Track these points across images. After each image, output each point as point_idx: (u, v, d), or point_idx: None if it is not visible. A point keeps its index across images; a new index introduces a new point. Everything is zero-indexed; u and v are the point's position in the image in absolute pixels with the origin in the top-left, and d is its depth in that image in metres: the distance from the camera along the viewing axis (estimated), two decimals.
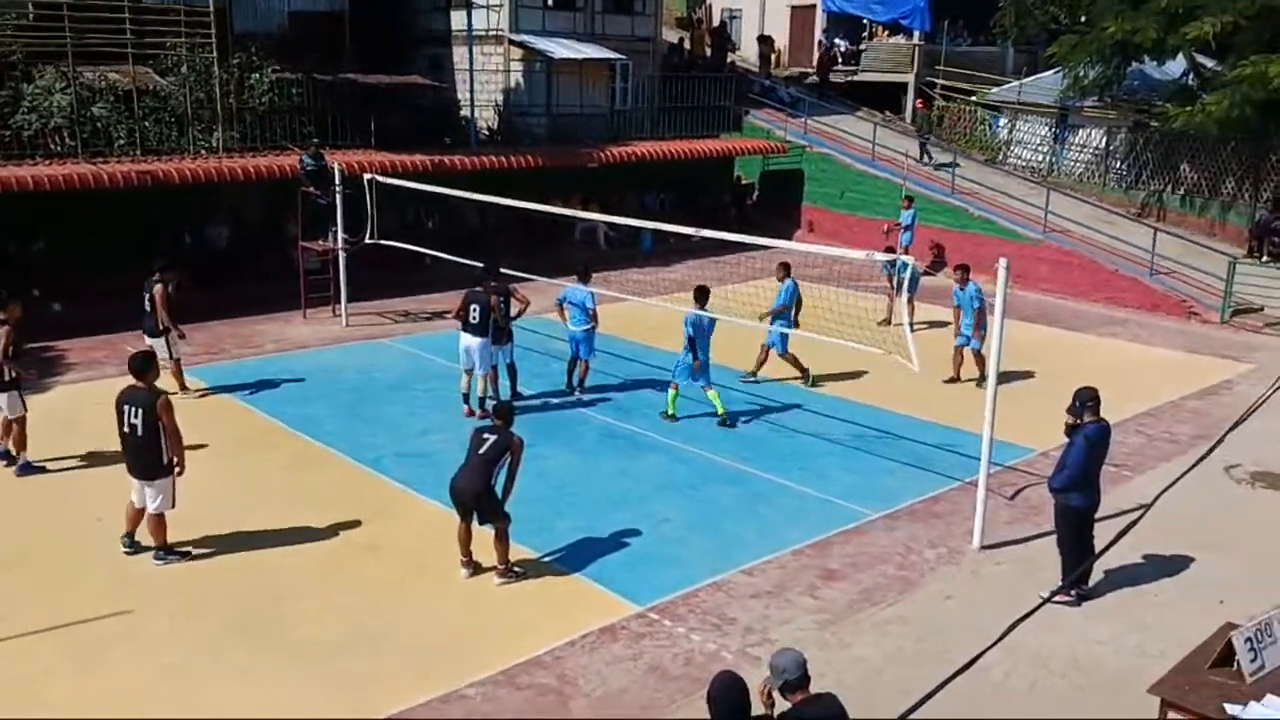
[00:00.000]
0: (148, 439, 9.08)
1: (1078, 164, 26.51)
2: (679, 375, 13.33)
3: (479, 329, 13.11)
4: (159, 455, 9.15)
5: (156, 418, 9.05)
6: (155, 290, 13.44)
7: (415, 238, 18.69)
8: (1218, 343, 18.38)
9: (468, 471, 8.95)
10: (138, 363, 9.31)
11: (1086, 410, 8.84)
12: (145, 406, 9.06)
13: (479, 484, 8.89)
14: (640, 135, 26.65)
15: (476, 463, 8.92)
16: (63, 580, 9.01)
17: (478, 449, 8.96)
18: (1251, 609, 8.22)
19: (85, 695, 7.41)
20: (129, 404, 9.13)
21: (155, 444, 9.11)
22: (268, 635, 8.24)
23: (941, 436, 12.99)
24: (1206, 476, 10.87)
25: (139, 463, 9.19)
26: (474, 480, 8.90)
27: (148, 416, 9.05)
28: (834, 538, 10.17)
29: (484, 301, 13.11)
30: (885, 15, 31.22)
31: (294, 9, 23.63)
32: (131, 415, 9.09)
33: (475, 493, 8.91)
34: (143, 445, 9.10)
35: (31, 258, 17.66)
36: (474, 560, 9.23)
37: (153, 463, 9.15)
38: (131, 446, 9.17)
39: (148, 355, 9.68)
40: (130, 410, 9.10)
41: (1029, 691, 7.73)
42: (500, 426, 9.15)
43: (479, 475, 8.90)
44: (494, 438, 8.97)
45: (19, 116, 18.27)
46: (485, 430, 9.15)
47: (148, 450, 9.11)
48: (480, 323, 13.09)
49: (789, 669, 4.99)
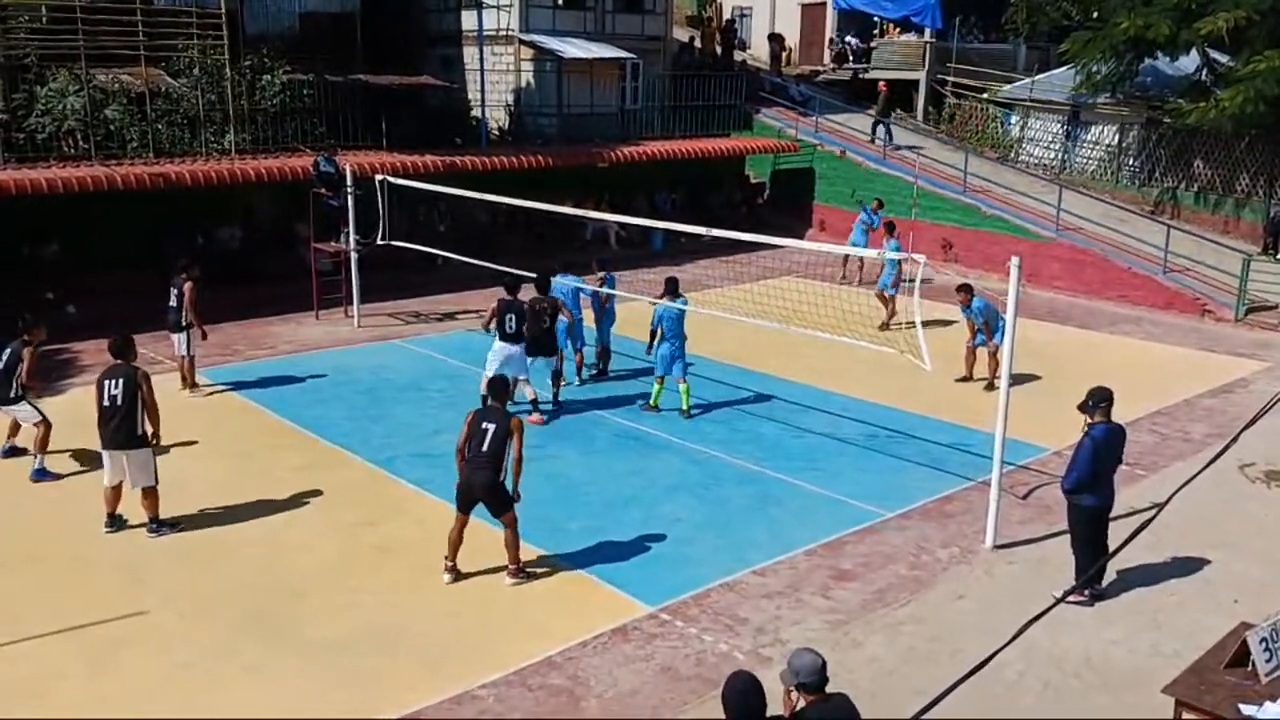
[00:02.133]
0: (127, 408, 9.59)
1: (1090, 161, 26.39)
2: (660, 368, 13.47)
3: (515, 337, 13.02)
4: (136, 425, 9.64)
5: (136, 387, 9.60)
6: (186, 287, 13.70)
7: (426, 238, 18.73)
8: (1231, 341, 18.28)
9: (476, 467, 8.85)
10: (117, 344, 9.89)
11: (1097, 410, 8.79)
12: (125, 378, 9.63)
13: (489, 476, 8.81)
14: (651, 134, 26.66)
15: (483, 458, 8.82)
16: (74, 581, 9.05)
17: (480, 445, 8.82)
18: (1266, 609, 8.16)
19: (97, 695, 7.44)
20: (109, 378, 9.67)
21: (133, 414, 9.62)
22: (280, 635, 8.27)
23: (954, 436, 12.95)
24: (1220, 475, 10.81)
25: (118, 433, 9.63)
26: (484, 473, 8.81)
27: (128, 386, 9.59)
28: (846, 538, 10.15)
29: (520, 311, 13.03)
30: (896, 12, 31.11)
31: (305, 10, 23.68)
32: (111, 388, 9.63)
33: (487, 485, 8.82)
34: (123, 414, 9.59)
35: (45, 260, 17.76)
36: (457, 567, 9.09)
37: (130, 432, 9.63)
38: (109, 417, 9.64)
39: (127, 338, 10.07)
40: (110, 383, 9.65)
41: (1042, 692, 7.70)
42: (496, 409, 9.04)
43: (489, 468, 8.82)
44: (493, 427, 8.81)
45: (33, 119, 18.36)
46: (484, 419, 8.95)
47: (126, 419, 9.61)
48: (517, 331, 13.01)
49: (804, 672, 4.98)
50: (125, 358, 9.87)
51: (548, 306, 13.31)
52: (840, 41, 33.13)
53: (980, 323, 14.77)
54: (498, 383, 9.51)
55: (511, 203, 16.03)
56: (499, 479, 8.88)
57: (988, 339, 14.72)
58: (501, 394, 9.32)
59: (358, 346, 16.62)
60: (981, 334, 14.87)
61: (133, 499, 9.99)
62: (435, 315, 18.66)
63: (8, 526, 10.08)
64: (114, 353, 9.89)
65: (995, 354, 14.70)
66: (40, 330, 11.76)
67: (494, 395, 9.34)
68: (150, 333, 16.20)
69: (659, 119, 27.27)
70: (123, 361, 9.85)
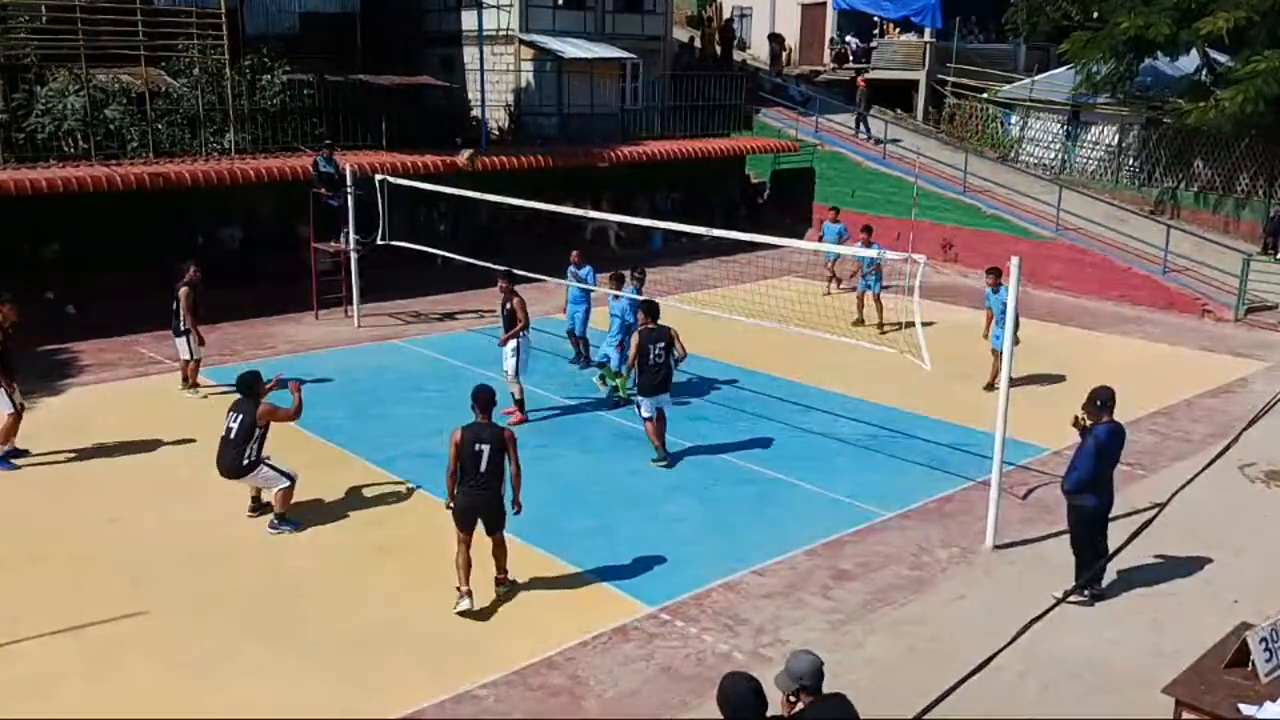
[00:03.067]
0: (240, 439, 9.89)
1: (1090, 161, 26.40)
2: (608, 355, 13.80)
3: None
4: (244, 456, 9.90)
5: (254, 424, 9.88)
6: (181, 293, 13.72)
7: (426, 238, 18.73)
8: (1232, 341, 18.28)
9: (476, 486, 8.46)
10: (243, 382, 10.20)
11: (1104, 411, 8.78)
12: (245, 414, 9.92)
13: (493, 495, 8.53)
14: (651, 134, 26.66)
15: (485, 477, 8.46)
16: (75, 581, 9.05)
17: (477, 466, 8.41)
18: (1267, 609, 8.15)
19: (98, 695, 7.44)
20: (231, 411, 10.05)
21: (243, 445, 9.89)
22: (280, 635, 8.27)
23: (954, 435, 12.95)
24: (1221, 475, 10.79)
25: (226, 464, 10.02)
26: (487, 493, 8.49)
27: (244, 422, 9.89)
28: (846, 537, 10.15)
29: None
30: (896, 12, 31.13)
31: (305, 10, 23.70)
32: (230, 420, 9.98)
33: (491, 504, 8.54)
34: (235, 444, 9.92)
35: (45, 260, 17.76)
36: (472, 591, 8.57)
37: (235, 462, 9.93)
38: (222, 448, 10.05)
39: (254, 377, 10.31)
40: (230, 416, 10.01)
41: (1042, 692, 7.70)
42: (485, 424, 8.56)
43: (490, 488, 8.50)
44: (487, 447, 8.41)
45: (33, 119, 18.37)
46: (476, 439, 8.45)
47: (236, 450, 9.91)
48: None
49: (805, 675, 4.97)
50: (251, 394, 10.02)
51: (660, 335, 11.77)
52: (840, 41, 33.15)
53: (999, 315, 14.65)
54: (484, 393, 8.73)
55: (512, 202, 16.03)
56: (502, 494, 8.61)
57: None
58: (488, 406, 8.71)
59: (358, 346, 16.62)
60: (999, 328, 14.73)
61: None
62: (435, 315, 18.66)
63: (8, 526, 10.08)
64: (240, 389, 10.13)
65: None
66: (10, 309, 11.48)
67: (481, 408, 8.67)
68: (149, 333, 16.25)
69: (659, 119, 27.27)
70: (246, 398, 10.00)
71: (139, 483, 11.16)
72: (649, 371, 11.65)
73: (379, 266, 18.56)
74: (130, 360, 15.55)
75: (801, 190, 27.41)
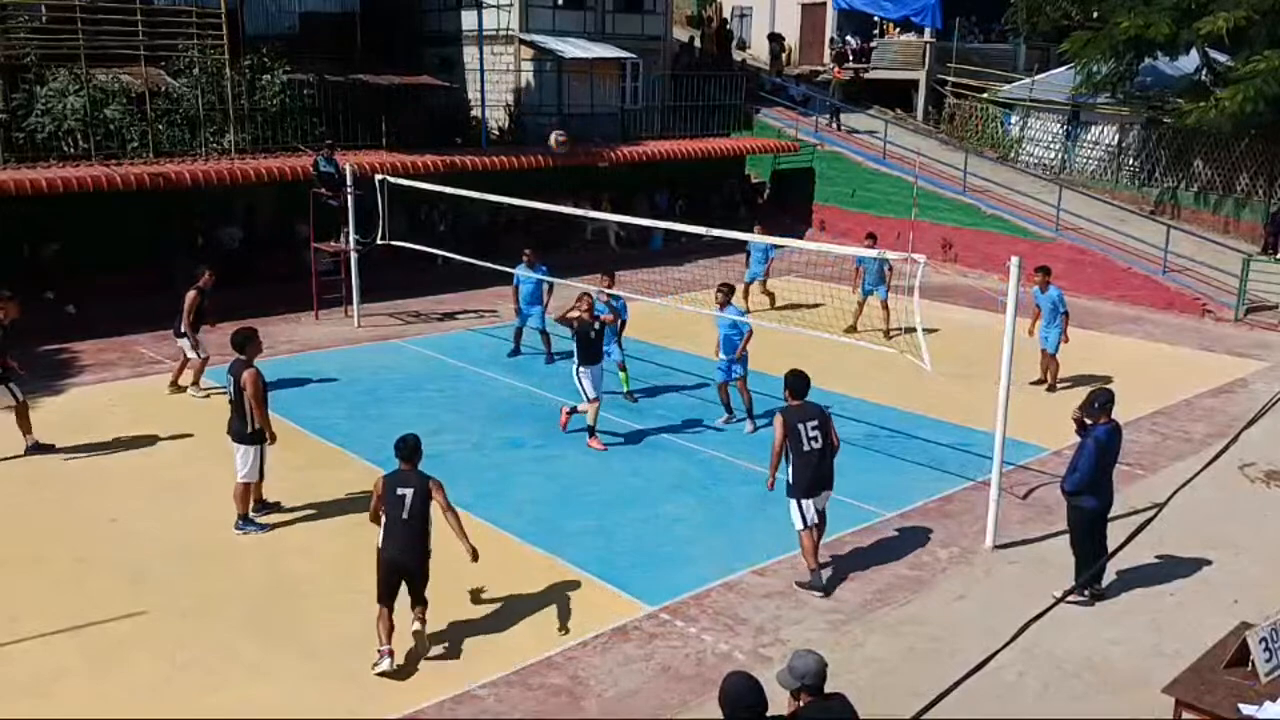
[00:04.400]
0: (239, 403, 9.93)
1: (1090, 161, 26.39)
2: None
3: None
4: (245, 423, 9.92)
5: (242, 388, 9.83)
6: (186, 296, 13.82)
7: (427, 238, 18.74)
8: (1231, 340, 18.28)
9: (401, 538, 7.66)
10: (237, 338, 10.06)
11: (1102, 412, 8.80)
12: (236, 376, 9.91)
13: (419, 548, 7.76)
14: (651, 134, 26.66)
15: (407, 527, 7.67)
16: (75, 581, 9.05)
17: (400, 513, 7.66)
18: (1266, 609, 8.17)
19: (99, 694, 7.45)
20: (230, 373, 10.01)
21: (241, 410, 9.91)
22: (281, 634, 8.28)
23: (953, 435, 12.95)
24: (1220, 475, 10.81)
25: (230, 425, 10.10)
26: (412, 546, 7.73)
27: (237, 384, 9.86)
28: (846, 537, 10.15)
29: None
30: (896, 12, 31.14)
31: (305, 10, 23.70)
32: (231, 382, 9.95)
33: (417, 556, 7.78)
34: (236, 407, 10.00)
35: (45, 260, 17.76)
36: (394, 651, 7.72)
37: (239, 427, 9.99)
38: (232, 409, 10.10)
39: (249, 332, 10.21)
40: (230, 378, 9.97)
41: (1042, 692, 7.71)
42: (409, 472, 7.81)
43: (417, 539, 7.73)
44: (409, 492, 7.67)
45: (33, 119, 18.36)
46: (397, 485, 7.72)
47: (237, 413, 9.98)
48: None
49: (807, 674, 4.97)
50: (244, 353, 9.98)
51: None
52: (840, 41, 33.13)
53: (1049, 314, 14.63)
54: (408, 443, 7.92)
55: (512, 202, 16.03)
56: (428, 547, 7.86)
57: (1062, 333, 14.59)
58: (413, 455, 7.89)
59: (358, 346, 16.62)
60: (1055, 327, 14.57)
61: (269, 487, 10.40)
62: (435, 315, 18.66)
63: (8, 526, 10.08)
64: (234, 347, 10.02)
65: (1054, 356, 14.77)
66: (12, 305, 11.68)
67: (403, 456, 7.86)
68: (149, 332, 16.25)
69: (659, 119, 27.27)
70: (242, 358, 9.98)
71: (139, 483, 11.17)
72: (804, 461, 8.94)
73: (379, 266, 18.55)
74: (130, 360, 15.55)
75: (801, 190, 27.42)
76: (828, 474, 9.02)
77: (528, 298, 15.66)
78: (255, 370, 9.93)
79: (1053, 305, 14.65)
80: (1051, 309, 14.66)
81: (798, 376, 9.14)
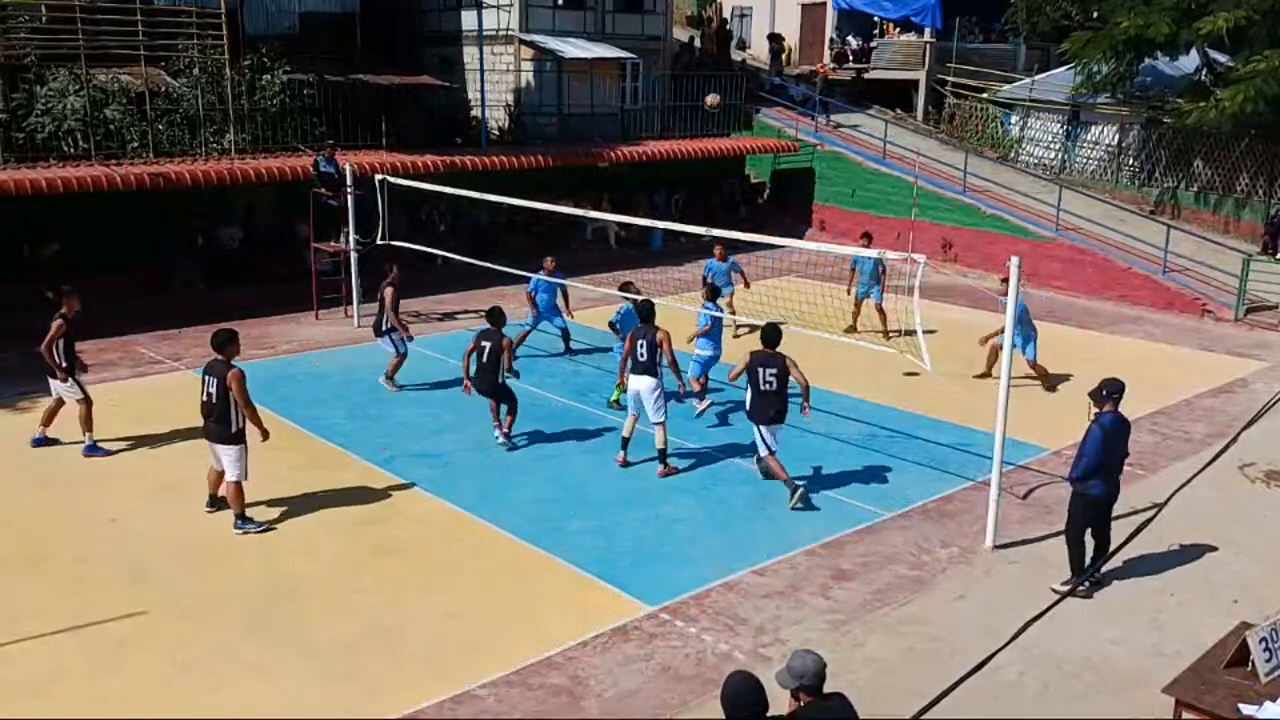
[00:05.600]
0: (221, 406, 9.79)
1: (1090, 161, 26.39)
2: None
3: (649, 368, 11.44)
4: (230, 423, 9.84)
5: (227, 388, 9.72)
6: (386, 294, 14.35)
7: (427, 238, 18.74)
8: (1231, 340, 18.28)
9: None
10: (217, 339, 9.94)
11: (1109, 400, 8.85)
12: (219, 377, 9.75)
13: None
14: (651, 134, 26.66)
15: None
16: (75, 581, 9.05)
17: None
18: (1266, 609, 8.17)
19: (98, 695, 7.44)
20: (206, 374, 9.88)
21: (226, 412, 9.80)
22: (280, 635, 8.27)
23: (954, 435, 12.95)
24: (1220, 475, 10.81)
25: (213, 428, 9.93)
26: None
27: (220, 385, 9.73)
28: (846, 537, 10.15)
29: (652, 339, 11.46)
30: (896, 12, 31.14)
31: (305, 10, 23.71)
32: (209, 385, 9.82)
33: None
34: (218, 412, 9.82)
35: (45, 259, 17.76)
36: None
37: (223, 429, 9.86)
38: (206, 413, 9.95)
39: (229, 333, 10.09)
40: (208, 380, 9.85)
41: (1042, 691, 7.70)
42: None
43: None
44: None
45: (33, 119, 18.36)
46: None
47: (221, 416, 9.83)
48: (649, 361, 11.42)
49: (806, 675, 4.97)
50: (224, 354, 9.85)
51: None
52: (840, 41, 33.14)
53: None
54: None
55: (512, 202, 16.03)
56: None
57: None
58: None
59: (358, 346, 16.60)
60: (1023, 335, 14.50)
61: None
62: (435, 315, 18.66)
63: (8, 526, 10.08)
64: (214, 347, 9.89)
65: (1033, 364, 14.78)
66: (73, 300, 11.92)
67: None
68: (149, 332, 16.26)
69: (659, 119, 27.28)
70: (221, 358, 9.84)
71: (139, 483, 11.17)
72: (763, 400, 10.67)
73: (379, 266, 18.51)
74: (130, 360, 15.55)
75: (801, 190, 27.42)
76: (783, 409, 10.83)
77: (546, 306, 15.73)
78: (239, 370, 9.82)
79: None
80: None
81: (773, 329, 11.00)
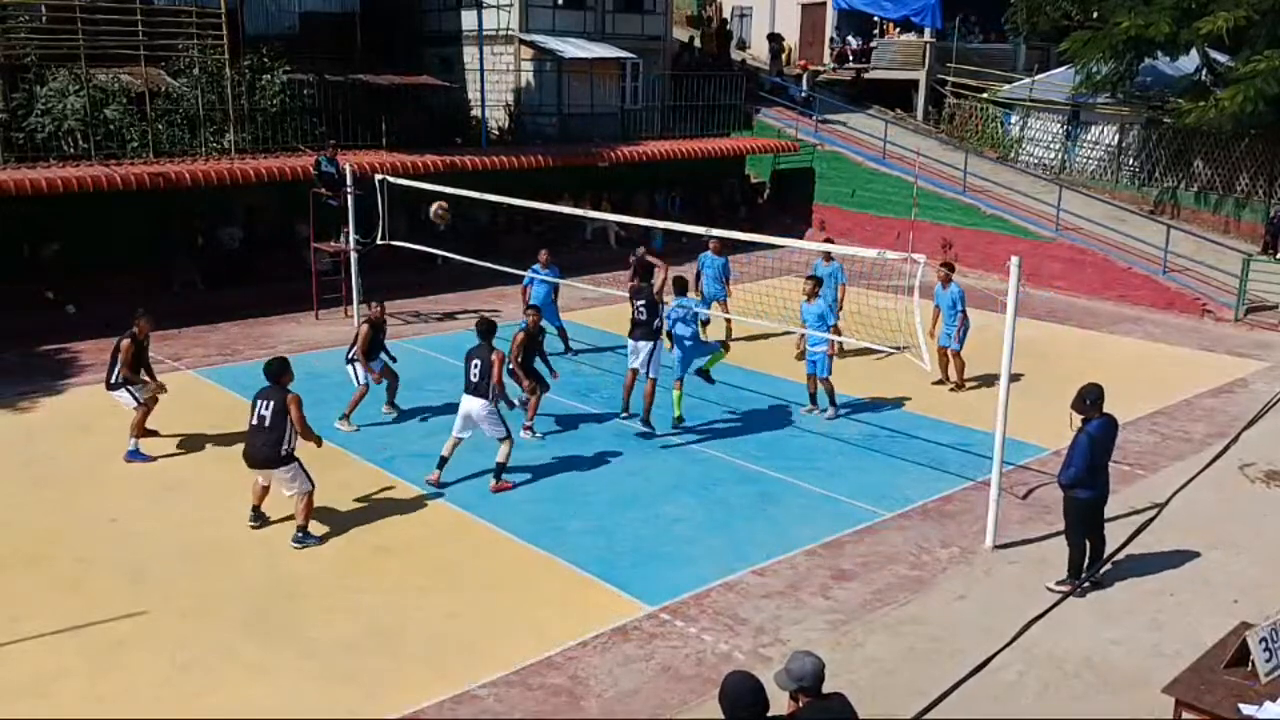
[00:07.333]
0: (274, 428, 9.65)
1: (1090, 161, 26.40)
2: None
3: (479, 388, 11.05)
4: (281, 445, 9.70)
5: (285, 410, 9.63)
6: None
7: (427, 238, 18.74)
8: (1231, 341, 18.29)
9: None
10: (273, 367, 9.88)
11: (1094, 407, 8.86)
12: (276, 400, 9.67)
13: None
14: (651, 134, 26.66)
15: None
16: (76, 581, 9.05)
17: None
18: (1266, 608, 8.18)
19: (100, 695, 7.45)
20: (261, 398, 9.76)
21: (278, 434, 9.66)
22: (281, 634, 8.27)
23: (953, 435, 12.95)
24: (1220, 475, 10.81)
25: (259, 452, 9.77)
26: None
27: (277, 408, 9.64)
28: (846, 537, 10.15)
29: (486, 359, 10.99)
30: (896, 12, 31.15)
31: (305, 10, 23.71)
32: (262, 408, 9.68)
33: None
34: (266, 434, 9.67)
35: (45, 259, 17.76)
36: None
37: (273, 453, 9.72)
38: (254, 435, 9.78)
39: (282, 361, 10.04)
40: (261, 404, 9.71)
41: (1042, 692, 7.70)
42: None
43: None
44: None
45: (33, 119, 18.37)
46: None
47: (270, 440, 9.70)
48: (482, 381, 11.00)
49: (804, 676, 4.96)
50: (280, 381, 9.82)
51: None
52: (840, 41, 33.15)
53: (956, 314, 14.28)
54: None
55: (512, 202, 16.04)
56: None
57: (954, 336, 14.32)
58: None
59: None
60: (950, 330, 14.33)
61: (279, 499, 10.14)
62: (435, 315, 18.66)
63: (8, 526, 10.08)
64: (270, 376, 9.82)
65: (959, 356, 14.57)
66: (146, 323, 12.03)
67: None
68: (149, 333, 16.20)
69: (659, 119, 27.27)
70: (276, 384, 9.79)
71: (139, 483, 11.17)
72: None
73: (379, 266, 18.54)
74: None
75: (801, 190, 27.42)
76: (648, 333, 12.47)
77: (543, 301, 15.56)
78: (297, 395, 9.85)
79: (952, 303, 14.39)
80: (950, 306, 14.43)
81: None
